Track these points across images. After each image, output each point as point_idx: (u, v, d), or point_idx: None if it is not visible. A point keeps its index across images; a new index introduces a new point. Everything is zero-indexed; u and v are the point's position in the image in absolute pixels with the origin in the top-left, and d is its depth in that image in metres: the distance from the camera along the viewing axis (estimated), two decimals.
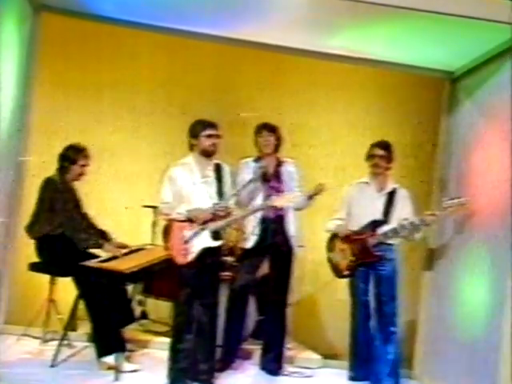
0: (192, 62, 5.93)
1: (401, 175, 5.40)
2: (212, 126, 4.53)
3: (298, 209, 4.94)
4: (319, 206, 5.14)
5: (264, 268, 4.94)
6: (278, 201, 4.49)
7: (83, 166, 4.89)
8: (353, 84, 6.02)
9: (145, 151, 6.01)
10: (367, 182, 5.03)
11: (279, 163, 4.97)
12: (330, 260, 5.12)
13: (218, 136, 4.53)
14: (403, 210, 4.93)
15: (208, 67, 5.94)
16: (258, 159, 4.93)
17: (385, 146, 4.98)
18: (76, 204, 4.92)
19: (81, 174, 4.91)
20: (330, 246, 5.12)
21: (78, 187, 5.04)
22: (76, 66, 5.84)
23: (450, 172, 5.30)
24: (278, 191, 4.73)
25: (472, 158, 4.96)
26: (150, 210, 5.63)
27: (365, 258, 4.91)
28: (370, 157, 4.99)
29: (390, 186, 4.99)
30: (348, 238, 4.99)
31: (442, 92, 5.46)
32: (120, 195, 5.97)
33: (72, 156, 4.85)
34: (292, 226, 4.92)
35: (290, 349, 5.38)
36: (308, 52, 5.22)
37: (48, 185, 4.82)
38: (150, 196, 5.41)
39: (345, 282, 5.11)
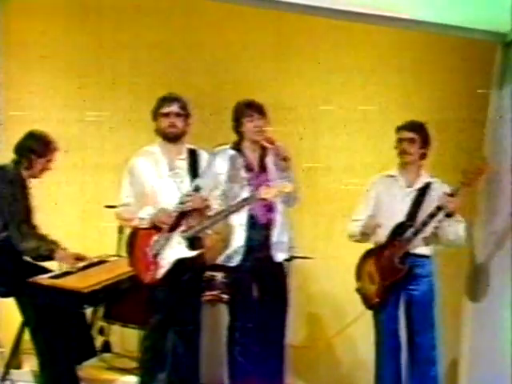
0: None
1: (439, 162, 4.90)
2: (171, 100, 4.06)
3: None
4: (338, 208, 4.94)
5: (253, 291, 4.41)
6: (267, 192, 4.07)
7: (49, 161, 4.56)
8: (382, 51, 5.52)
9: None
10: (394, 176, 4.46)
11: (265, 150, 4.37)
12: (359, 291, 4.54)
13: (179, 114, 4.06)
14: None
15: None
16: (236, 146, 4.31)
17: (414, 127, 4.35)
18: (28, 208, 4.50)
19: (43, 170, 4.57)
20: (358, 274, 4.55)
21: None
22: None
23: (500, 157, 4.76)
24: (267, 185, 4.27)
25: None
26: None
27: (392, 277, 4.31)
28: (396, 142, 4.41)
29: (422, 180, 4.39)
30: (375, 255, 4.46)
31: (492, 58, 4.95)
32: (75, 192, 5.59)
33: (39, 149, 4.50)
34: (284, 230, 4.31)
35: None
36: (326, 10, 4.67)
37: None
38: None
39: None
